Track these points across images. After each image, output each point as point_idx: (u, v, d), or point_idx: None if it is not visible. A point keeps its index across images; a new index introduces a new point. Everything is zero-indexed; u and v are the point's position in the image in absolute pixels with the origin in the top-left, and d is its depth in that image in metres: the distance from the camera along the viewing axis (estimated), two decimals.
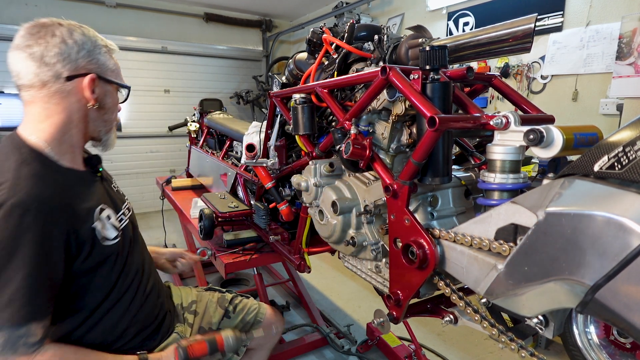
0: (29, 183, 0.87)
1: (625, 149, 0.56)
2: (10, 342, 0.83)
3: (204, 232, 1.80)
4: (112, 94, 1.07)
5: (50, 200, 0.88)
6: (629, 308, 0.51)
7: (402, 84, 0.88)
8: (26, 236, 0.83)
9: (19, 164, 0.90)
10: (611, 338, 0.74)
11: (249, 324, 1.45)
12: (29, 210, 0.84)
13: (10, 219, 0.82)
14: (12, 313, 0.82)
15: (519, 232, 0.69)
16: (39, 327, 0.87)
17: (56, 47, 0.93)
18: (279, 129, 1.54)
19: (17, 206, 0.83)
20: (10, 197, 0.83)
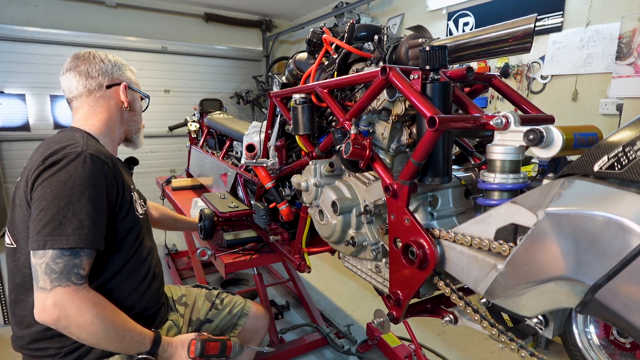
0: (95, 144, 1.13)
1: (625, 149, 0.56)
2: (67, 268, 0.97)
3: (204, 232, 1.80)
4: (137, 101, 1.38)
5: (111, 160, 1.13)
6: (629, 308, 0.51)
7: (402, 84, 0.88)
8: (97, 178, 1.04)
9: (86, 136, 1.15)
10: (611, 338, 0.74)
11: (236, 316, 1.54)
12: (100, 160, 1.07)
13: (86, 164, 1.04)
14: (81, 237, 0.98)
15: (518, 232, 0.69)
16: (88, 262, 1.01)
17: (97, 65, 1.25)
18: (279, 129, 1.54)
19: (92, 155, 1.06)
20: (87, 149, 1.06)
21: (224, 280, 3.10)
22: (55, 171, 1.00)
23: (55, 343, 1.06)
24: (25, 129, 4.81)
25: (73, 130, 1.18)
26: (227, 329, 1.52)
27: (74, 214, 0.98)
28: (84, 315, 0.97)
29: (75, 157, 1.03)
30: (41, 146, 1.12)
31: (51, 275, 0.95)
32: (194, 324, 1.47)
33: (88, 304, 0.98)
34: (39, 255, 0.96)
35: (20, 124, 4.78)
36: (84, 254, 0.99)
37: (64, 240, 0.96)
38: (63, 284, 0.96)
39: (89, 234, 0.99)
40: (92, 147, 1.09)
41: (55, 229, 0.96)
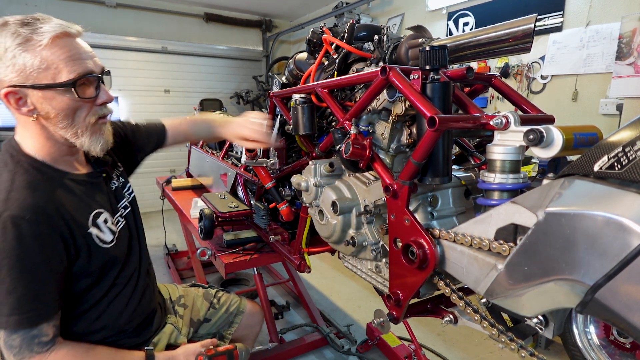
0: (22, 194, 0.87)
1: (625, 149, 0.56)
2: (25, 342, 0.88)
3: (204, 232, 1.80)
4: (52, 100, 0.89)
5: (44, 209, 0.89)
6: (629, 308, 0.51)
7: (402, 84, 0.88)
8: (24, 245, 0.85)
9: (14, 175, 0.90)
10: (611, 338, 0.74)
11: (232, 314, 1.53)
12: (24, 220, 0.85)
13: (7, 231, 0.84)
14: (22, 318, 0.86)
15: (518, 232, 0.69)
16: (50, 326, 0.91)
17: None
18: (279, 129, 1.54)
19: (13, 217, 0.84)
20: (5, 210, 0.84)
21: (224, 280, 3.10)
22: None
23: None
24: None
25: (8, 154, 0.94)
26: (223, 327, 1.52)
27: (8, 292, 0.84)
28: None
29: None
30: None
31: (12, 350, 0.87)
32: (194, 324, 1.46)
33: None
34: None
35: None
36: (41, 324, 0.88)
37: (4, 321, 0.85)
38: (26, 356, 0.88)
39: (34, 309, 0.87)
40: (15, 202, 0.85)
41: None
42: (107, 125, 1.03)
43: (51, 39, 0.87)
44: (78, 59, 0.90)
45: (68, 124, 0.93)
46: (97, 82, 0.96)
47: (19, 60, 0.85)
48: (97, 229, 1.00)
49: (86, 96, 0.93)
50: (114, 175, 1.19)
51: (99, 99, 0.96)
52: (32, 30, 0.87)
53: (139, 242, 1.21)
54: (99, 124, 0.99)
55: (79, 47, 0.93)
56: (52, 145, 0.96)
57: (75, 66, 0.90)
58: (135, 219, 1.21)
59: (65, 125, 0.92)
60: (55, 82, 0.88)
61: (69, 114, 0.92)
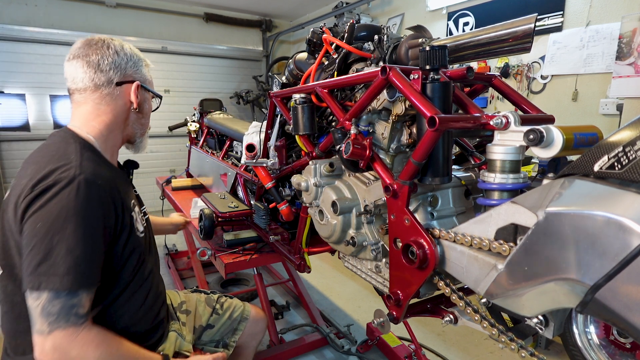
0: (91, 164, 1.00)
1: (625, 149, 0.56)
2: (64, 311, 0.89)
3: (204, 232, 1.80)
4: (148, 101, 1.23)
5: (109, 180, 1.01)
6: (629, 308, 0.51)
7: (402, 84, 0.88)
8: (92, 208, 0.94)
9: (81, 148, 1.02)
10: (611, 338, 0.74)
11: (236, 321, 1.52)
12: (95, 184, 0.95)
13: (80, 192, 0.92)
14: (76, 278, 0.89)
15: (519, 232, 0.69)
16: (88, 299, 0.93)
17: (110, 57, 1.10)
18: (279, 129, 1.54)
19: (87, 180, 0.94)
20: (80, 173, 0.94)
21: (224, 280, 3.10)
22: (45, 201, 0.90)
23: None
24: (25, 129, 4.81)
25: (66, 139, 1.05)
26: (227, 334, 1.50)
27: (68, 250, 0.89)
28: (86, 357, 0.91)
29: (68, 184, 0.92)
30: (30, 163, 1.00)
31: (48, 317, 0.88)
32: (197, 331, 1.44)
33: (90, 345, 0.92)
34: (34, 297, 0.89)
35: (20, 124, 4.78)
36: (83, 292, 0.92)
37: (57, 280, 0.88)
38: (62, 326, 0.89)
39: (86, 272, 0.91)
40: (87, 168, 0.97)
41: (50, 269, 0.88)
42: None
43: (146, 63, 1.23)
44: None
45: (142, 124, 1.22)
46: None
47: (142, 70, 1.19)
48: (135, 216, 1.12)
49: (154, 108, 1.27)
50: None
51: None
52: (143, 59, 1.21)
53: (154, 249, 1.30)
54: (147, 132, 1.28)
55: None
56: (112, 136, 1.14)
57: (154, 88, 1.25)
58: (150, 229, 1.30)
59: (144, 122, 1.23)
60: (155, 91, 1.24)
61: (148, 116, 1.25)
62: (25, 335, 0.97)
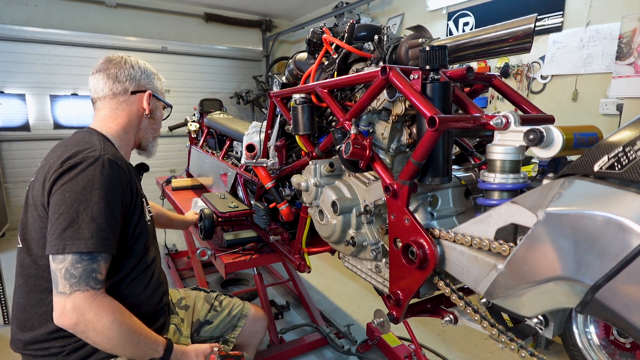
0: (112, 149, 1.14)
1: (625, 149, 0.56)
2: (85, 274, 0.97)
3: (204, 232, 1.80)
4: (159, 109, 1.38)
5: (127, 165, 1.15)
6: (629, 308, 0.51)
7: (402, 84, 0.88)
8: (114, 183, 1.05)
9: (103, 140, 1.15)
10: (611, 338, 0.74)
11: (235, 317, 1.54)
12: (117, 164, 1.08)
13: (104, 168, 1.04)
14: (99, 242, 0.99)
15: (519, 232, 0.69)
16: (105, 266, 1.02)
17: (127, 70, 1.27)
18: (279, 129, 1.54)
19: (110, 160, 1.07)
20: (105, 154, 1.07)
21: (224, 280, 3.10)
22: (74, 175, 1.01)
23: (58, 342, 1.06)
24: (25, 129, 4.81)
25: (90, 133, 1.19)
26: (226, 331, 1.51)
27: (92, 218, 0.99)
28: (101, 320, 0.98)
29: (94, 161, 1.04)
30: (58, 147, 1.12)
31: (70, 280, 0.96)
32: (194, 325, 1.47)
33: (106, 309, 0.99)
34: (59, 260, 0.97)
35: (20, 124, 4.78)
36: (102, 259, 1.00)
37: (82, 244, 0.97)
38: (82, 288, 0.97)
39: (106, 238, 1.01)
40: (110, 151, 1.10)
41: (75, 233, 0.97)
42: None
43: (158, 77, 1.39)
44: None
45: (155, 128, 1.38)
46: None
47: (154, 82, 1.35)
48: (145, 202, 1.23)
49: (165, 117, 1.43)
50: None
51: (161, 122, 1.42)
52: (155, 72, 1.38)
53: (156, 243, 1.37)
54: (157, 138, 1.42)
55: None
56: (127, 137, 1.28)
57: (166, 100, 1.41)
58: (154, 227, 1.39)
59: (155, 127, 1.37)
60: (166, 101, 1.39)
61: (158, 122, 1.39)
62: (36, 308, 1.06)
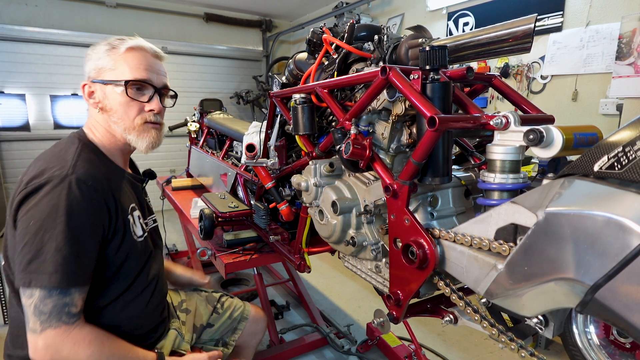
0: (87, 165, 1.01)
1: (625, 149, 0.56)
2: (56, 309, 0.90)
3: (204, 232, 1.80)
4: (110, 95, 1.08)
5: (102, 182, 1.01)
6: (629, 308, 0.51)
7: (402, 84, 0.88)
8: (81, 207, 0.94)
9: (80, 150, 1.04)
10: (611, 338, 0.74)
11: (236, 320, 1.52)
12: (86, 184, 0.96)
13: (71, 190, 0.93)
14: (64, 276, 0.90)
15: (518, 232, 0.69)
16: (80, 297, 0.94)
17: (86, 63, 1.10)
18: (279, 129, 1.54)
19: (78, 180, 0.95)
20: (73, 173, 0.96)
21: (224, 280, 3.10)
22: (38, 199, 0.92)
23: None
24: (25, 129, 4.81)
25: (72, 140, 1.08)
26: (227, 333, 1.50)
27: (57, 249, 0.89)
28: (78, 354, 0.92)
29: (59, 183, 0.93)
30: (34, 161, 1.03)
31: (40, 316, 0.89)
32: (197, 330, 1.44)
33: (82, 344, 0.92)
34: (27, 295, 0.90)
35: (20, 124, 4.79)
36: (75, 291, 0.92)
37: (46, 279, 0.88)
38: (53, 325, 0.90)
39: (74, 271, 0.91)
40: (80, 169, 0.97)
41: (40, 266, 0.89)
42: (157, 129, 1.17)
43: (127, 48, 1.08)
44: (142, 68, 1.10)
45: (119, 118, 1.09)
46: (153, 92, 1.13)
47: (100, 62, 1.08)
48: (132, 220, 1.11)
49: (136, 98, 1.09)
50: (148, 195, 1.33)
51: (148, 105, 1.12)
52: (120, 42, 1.09)
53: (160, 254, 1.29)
54: (146, 126, 1.13)
55: (149, 61, 1.12)
56: (110, 137, 1.12)
57: (136, 72, 1.08)
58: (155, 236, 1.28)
59: (116, 119, 1.09)
60: (113, 79, 1.07)
61: (119, 109, 1.09)
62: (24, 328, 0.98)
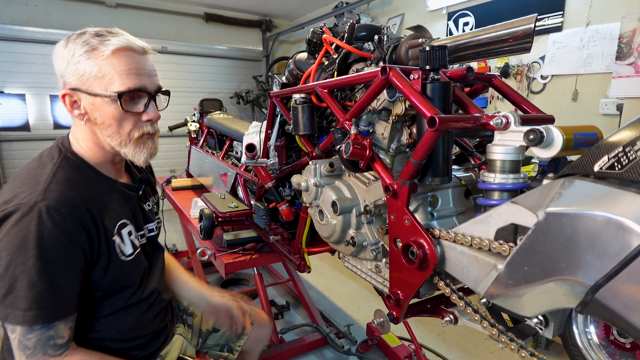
0: (61, 187, 0.90)
1: (625, 149, 0.56)
2: (41, 342, 0.85)
3: (204, 232, 1.80)
4: (100, 107, 0.94)
5: (79, 206, 0.90)
6: (629, 308, 0.51)
7: (402, 84, 0.88)
8: (54, 237, 0.85)
9: (57, 168, 0.94)
10: (611, 338, 0.74)
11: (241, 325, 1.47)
12: (59, 212, 0.86)
13: (42, 220, 0.84)
14: (40, 313, 0.84)
15: (519, 232, 0.69)
16: (66, 328, 0.89)
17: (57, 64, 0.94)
18: (279, 129, 1.54)
19: (49, 208, 0.85)
20: (43, 200, 0.86)
21: (224, 280, 3.10)
22: (7, 230, 0.84)
23: None
24: (25, 129, 4.81)
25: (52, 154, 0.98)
26: (232, 338, 1.47)
27: (30, 284, 0.83)
28: None
29: (28, 212, 0.84)
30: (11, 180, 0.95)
31: (25, 351, 0.85)
32: (203, 335, 1.42)
33: None
34: (10, 330, 0.85)
35: (20, 124, 4.79)
36: (59, 323, 0.87)
37: (20, 316, 0.83)
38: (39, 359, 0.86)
39: (51, 305, 0.85)
40: (53, 193, 0.87)
41: (14, 302, 0.83)
42: (153, 139, 1.05)
43: (113, 51, 0.92)
44: (133, 74, 0.95)
45: (113, 133, 0.97)
46: (148, 100, 0.99)
47: (81, 66, 0.92)
48: (120, 239, 1.01)
49: (132, 110, 0.97)
50: (150, 199, 1.23)
51: (145, 115, 0.99)
52: (100, 41, 0.92)
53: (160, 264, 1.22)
54: (143, 138, 1.02)
55: (139, 63, 0.97)
56: (98, 150, 1.01)
57: (128, 80, 0.94)
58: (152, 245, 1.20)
59: (110, 133, 0.97)
60: (104, 92, 0.93)
61: (113, 123, 0.96)
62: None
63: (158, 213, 1.29)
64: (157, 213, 1.27)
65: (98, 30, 0.95)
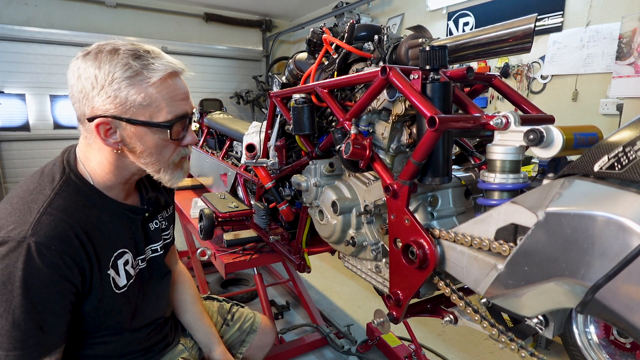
0: (54, 220, 0.83)
1: (625, 149, 0.56)
2: None
3: (204, 232, 1.80)
4: (143, 136, 0.87)
5: (72, 240, 0.84)
6: (629, 308, 0.51)
7: (402, 84, 0.88)
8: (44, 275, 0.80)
9: (55, 195, 0.86)
10: (611, 338, 0.74)
11: (245, 332, 1.47)
12: (49, 249, 0.81)
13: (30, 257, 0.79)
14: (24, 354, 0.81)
15: (519, 232, 0.69)
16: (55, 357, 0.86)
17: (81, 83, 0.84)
18: (279, 129, 1.54)
19: (38, 244, 0.79)
20: (33, 234, 0.80)
21: (224, 280, 3.10)
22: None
23: None
24: (25, 129, 4.81)
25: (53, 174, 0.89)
26: (235, 345, 1.45)
27: (15, 324, 0.78)
28: None
29: (16, 247, 0.78)
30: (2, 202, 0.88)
31: None
32: None
33: None
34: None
35: (20, 124, 4.79)
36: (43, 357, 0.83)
37: (2, 356, 0.79)
38: None
39: (39, 343, 0.82)
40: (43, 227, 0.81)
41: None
42: (187, 160, 1.01)
43: (161, 78, 0.86)
44: (178, 100, 0.90)
45: (153, 161, 0.92)
46: (188, 123, 0.95)
47: (122, 93, 0.83)
48: (115, 272, 0.96)
49: (177, 137, 0.92)
50: (158, 217, 1.16)
51: (185, 140, 0.95)
52: (143, 65, 0.85)
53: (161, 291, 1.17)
54: (182, 162, 0.98)
55: (181, 88, 0.92)
56: (117, 172, 0.93)
57: (174, 107, 0.89)
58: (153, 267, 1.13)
59: (149, 161, 0.91)
60: (152, 121, 0.86)
61: (155, 152, 0.90)
62: None
63: (169, 228, 1.23)
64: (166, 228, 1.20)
65: (134, 50, 0.86)
